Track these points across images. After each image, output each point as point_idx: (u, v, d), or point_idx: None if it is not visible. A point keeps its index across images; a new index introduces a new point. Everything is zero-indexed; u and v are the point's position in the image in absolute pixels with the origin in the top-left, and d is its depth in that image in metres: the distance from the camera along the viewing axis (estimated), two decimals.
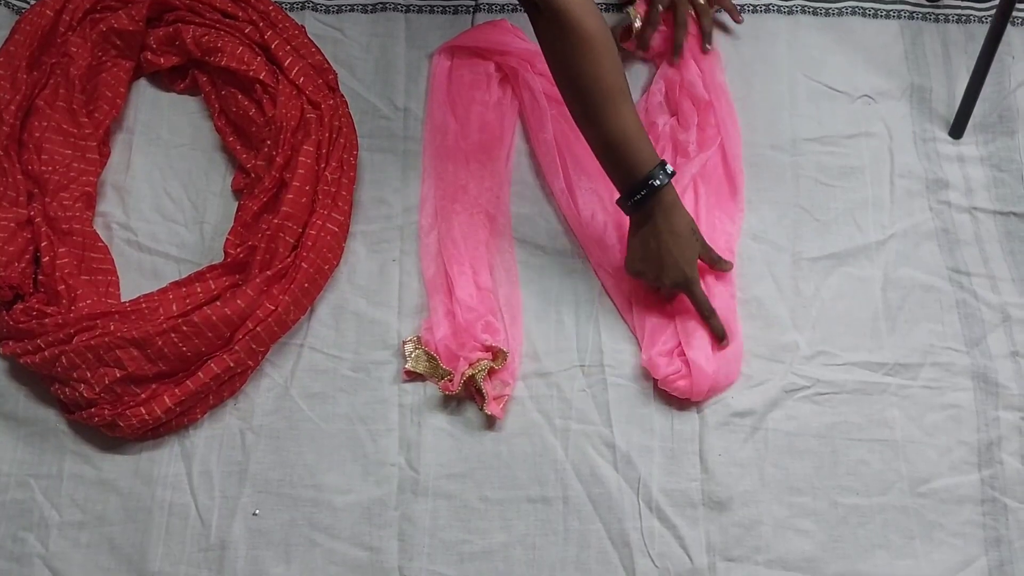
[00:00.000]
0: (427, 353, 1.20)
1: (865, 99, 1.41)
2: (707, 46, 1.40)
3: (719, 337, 1.20)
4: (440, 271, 1.26)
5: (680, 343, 1.20)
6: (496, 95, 1.38)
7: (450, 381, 1.18)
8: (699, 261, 1.20)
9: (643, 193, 1.14)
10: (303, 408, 1.19)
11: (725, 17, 1.46)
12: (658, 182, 1.14)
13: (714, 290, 1.24)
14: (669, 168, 1.15)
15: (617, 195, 1.19)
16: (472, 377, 1.16)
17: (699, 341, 1.20)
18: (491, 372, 1.18)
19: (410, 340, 1.21)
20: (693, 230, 1.19)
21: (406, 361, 1.20)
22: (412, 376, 1.20)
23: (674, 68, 1.39)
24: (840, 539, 1.13)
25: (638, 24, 1.39)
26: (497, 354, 1.19)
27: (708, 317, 1.20)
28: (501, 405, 1.18)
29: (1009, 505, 1.15)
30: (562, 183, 1.32)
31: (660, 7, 1.39)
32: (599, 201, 1.31)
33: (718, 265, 1.23)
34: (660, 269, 1.18)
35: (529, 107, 1.37)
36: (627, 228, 1.25)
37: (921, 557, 1.13)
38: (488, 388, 1.17)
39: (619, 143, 1.13)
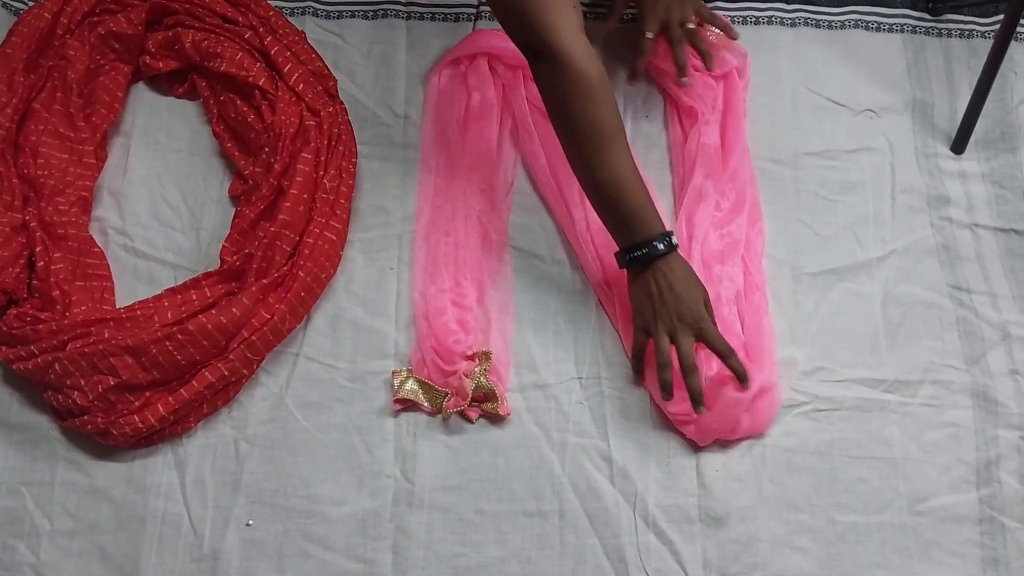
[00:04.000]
0: (419, 380, 1.19)
1: (867, 113, 1.41)
2: (683, 79, 1.35)
3: (740, 378, 1.13)
4: (421, 294, 1.24)
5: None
6: (497, 105, 1.36)
7: (454, 396, 1.16)
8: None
9: (644, 252, 1.13)
10: (298, 418, 1.18)
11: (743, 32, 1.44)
12: (661, 246, 1.12)
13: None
14: (673, 240, 1.14)
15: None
16: (480, 383, 1.16)
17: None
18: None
19: (399, 371, 1.19)
20: (693, 272, 1.16)
21: (396, 392, 1.18)
22: (404, 404, 1.19)
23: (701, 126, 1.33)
24: (838, 557, 1.13)
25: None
26: (481, 358, 1.18)
27: (728, 357, 1.12)
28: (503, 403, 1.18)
29: (1007, 525, 1.15)
30: (556, 192, 1.31)
31: (650, 34, 1.36)
32: (593, 215, 1.29)
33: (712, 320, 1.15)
34: (670, 309, 1.12)
35: (521, 117, 1.36)
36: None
37: None
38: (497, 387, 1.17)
39: (615, 189, 1.12)
